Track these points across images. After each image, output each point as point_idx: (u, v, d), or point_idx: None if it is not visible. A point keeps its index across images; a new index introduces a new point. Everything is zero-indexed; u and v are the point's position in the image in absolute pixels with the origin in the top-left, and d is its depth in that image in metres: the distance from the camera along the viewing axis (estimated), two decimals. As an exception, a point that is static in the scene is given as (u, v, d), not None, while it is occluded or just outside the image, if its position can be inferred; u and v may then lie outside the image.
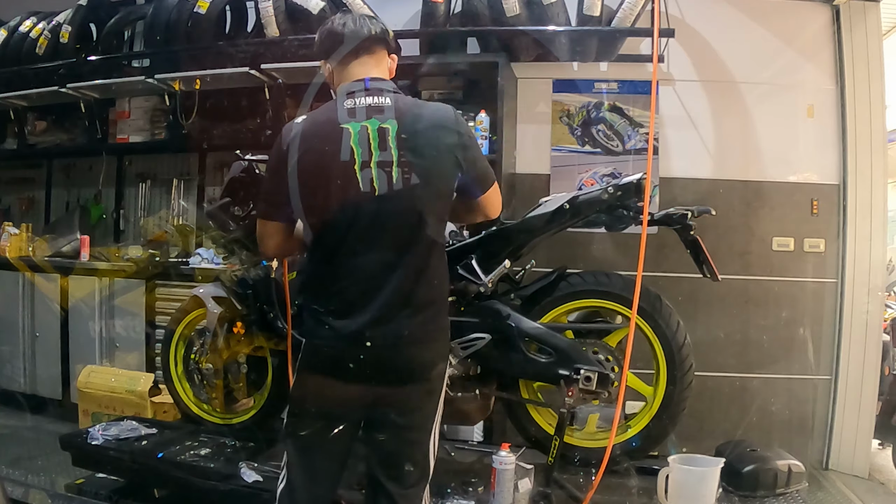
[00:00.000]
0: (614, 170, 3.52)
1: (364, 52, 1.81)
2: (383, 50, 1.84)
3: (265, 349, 2.72)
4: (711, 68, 3.46)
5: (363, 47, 1.81)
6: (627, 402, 2.59)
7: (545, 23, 3.27)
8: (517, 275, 2.45)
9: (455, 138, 1.74)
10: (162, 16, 3.73)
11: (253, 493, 2.31)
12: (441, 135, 1.73)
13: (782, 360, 3.36)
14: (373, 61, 1.82)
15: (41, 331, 4.11)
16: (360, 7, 3.43)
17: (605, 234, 2.87)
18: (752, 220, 3.41)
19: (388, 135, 1.69)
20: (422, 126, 1.72)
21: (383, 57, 1.85)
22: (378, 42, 1.83)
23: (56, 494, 2.77)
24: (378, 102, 1.73)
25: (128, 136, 4.32)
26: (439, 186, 1.73)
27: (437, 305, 1.76)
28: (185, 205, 4.31)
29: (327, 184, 1.68)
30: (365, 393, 1.72)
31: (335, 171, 1.68)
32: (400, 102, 1.75)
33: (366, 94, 1.75)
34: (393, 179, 1.67)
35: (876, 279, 3.32)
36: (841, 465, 3.30)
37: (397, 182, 1.67)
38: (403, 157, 1.68)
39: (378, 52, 1.83)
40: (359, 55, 1.80)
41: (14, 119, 4.57)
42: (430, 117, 1.75)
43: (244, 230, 2.55)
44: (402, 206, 1.68)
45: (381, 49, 1.84)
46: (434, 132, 1.73)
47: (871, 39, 3.33)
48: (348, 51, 1.80)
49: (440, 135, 1.73)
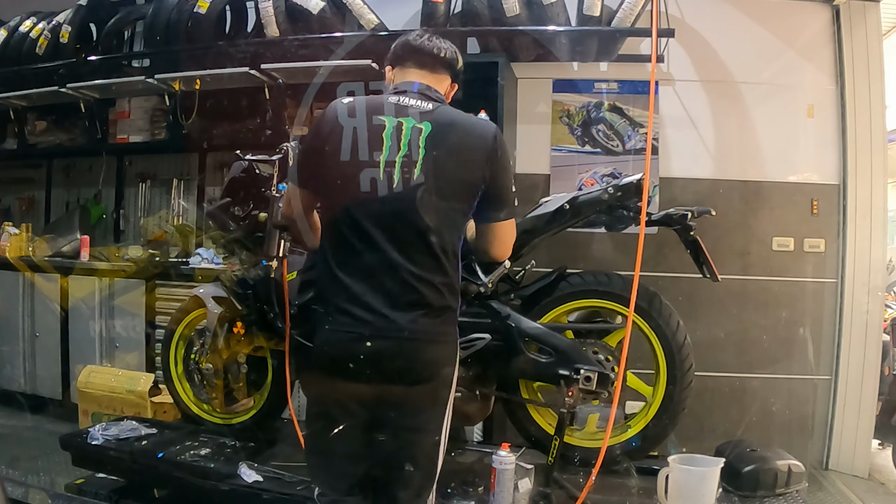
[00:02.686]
0: (614, 170, 3.52)
1: (427, 67, 1.86)
2: (447, 74, 1.89)
3: (265, 349, 2.72)
4: (711, 68, 3.46)
5: (428, 63, 1.86)
6: (627, 402, 2.60)
7: (545, 23, 3.27)
8: (517, 275, 2.45)
9: (486, 154, 1.75)
10: (162, 16, 3.73)
11: (253, 493, 2.31)
12: (473, 146, 1.75)
13: (782, 360, 3.36)
14: (433, 78, 1.86)
15: (41, 331, 4.11)
16: (360, 7, 3.43)
17: (605, 234, 2.86)
18: (752, 220, 3.41)
19: (420, 135, 1.72)
20: (456, 134, 1.74)
21: (444, 79, 1.89)
22: (444, 65, 1.88)
23: (56, 494, 2.77)
24: (420, 105, 1.76)
25: (128, 136, 4.33)
26: (457, 195, 1.74)
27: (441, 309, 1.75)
28: (185, 205, 4.31)
29: (351, 169, 1.71)
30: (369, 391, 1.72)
31: (362, 158, 1.71)
32: (442, 109, 1.78)
33: (412, 95, 1.79)
34: (413, 178, 1.69)
35: (876, 279, 3.32)
36: (841, 465, 3.30)
37: (417, 181, 1.69)
38: (429, 159, 1.70)
39: (440, 74, 1.88)
40: (421, 68, 1.86)
41: (14, 119, 4.57)
42: (468, 128, 1.77)
43: (244, 230, 2.56)
44: (415, 206, 1.69)
45: (444, 72, 1.88)
46: (466, 142, 1.75)
47: (871, 39, 3.34)
48: (413, 62, 1.86)
49: (472, 146, 1.75)
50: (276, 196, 2.36)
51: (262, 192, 2.47)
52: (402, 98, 1.77)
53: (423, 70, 1.85)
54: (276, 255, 2.35)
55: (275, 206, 2.36)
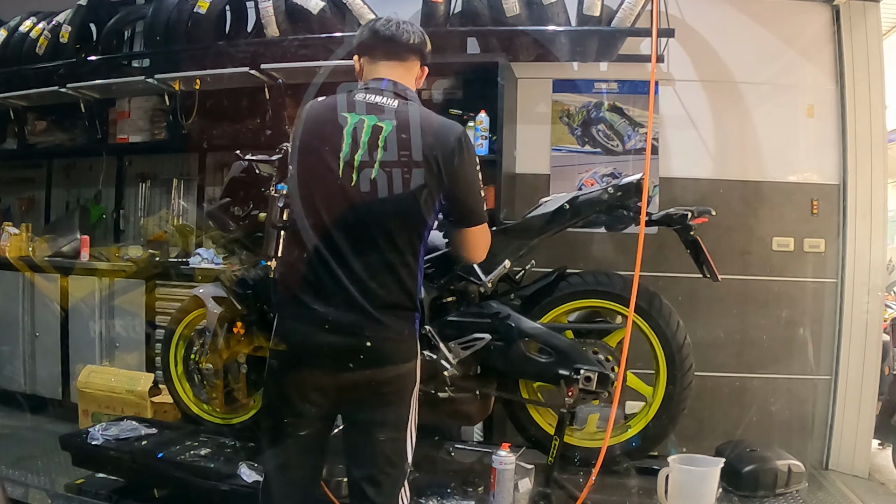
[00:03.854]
0: (614, 170, 3.52)
1: (396, 56, 1.84)
2: (416, 60, 1.88)
3: (265, 349, 2.72)
4: (711, 68, 3.45)
5: (396, 52, 1.84)
6: (627, 402, 2.60)
7: (545, 23, 3.27)
8: (517, 275, 2.45)
9: (447, 155, 1.72)
10: (162, 16, 3.72)
11: (253, 493, 2.30)
12: (435, 147, 1.72)
13: (782, 360, 3.36)
14: (402, 68, 1.85)
15: (41, 331, 4.11)
16: (360, 7, 3.43)
17: (605, 234, 2.87)
18: (752, 220, 3.41)
19: (381, 133, 1.71)
20: (418, 134, 1.73)
21: (414, 66, 1.88)
22: (413, 51, 1.86)
23: (56, 494, 2.77)
24: (384, 103, 1.75)
25: (128, 136, 4.32)
26: (415, 196, 1.71)
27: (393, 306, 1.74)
28: (185, 205, 4.31)
29: (314, 166, 1.73)
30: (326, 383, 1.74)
31: (323, 155, 1.72)
32: (407, 107, 1.76)
33: (378, 93, 1.78)
34: (371, 176, 1.70)
35: (876, 279, 3.32)
36: (841, 465, 3.29)
37: (375, 180, 1.70)
38: (388, 158, 1.70)
39: (410, 61, 1.87)
40: (390, 58, 1.84)
41: (14, 119, 4.56)
42: (432, 129, 1.75)
43: (244, 230, 2.56)
44: (370, 205, 1.70)
45: (413, 58, 1.87)
46: (428, 142, 1.72)
47: (871, 39, 3.33)
48: (382, 52, 1.84)
49: (434, 146, 1.72)
50: (276, 196, 2.36)
51: (262, 192, 2.47)
52: (369, 95, 1.77)
53: (392, 60, 1.84)
54: (276, 255, 2.35)
55: (275, 206, 2.36)
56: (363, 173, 1.70)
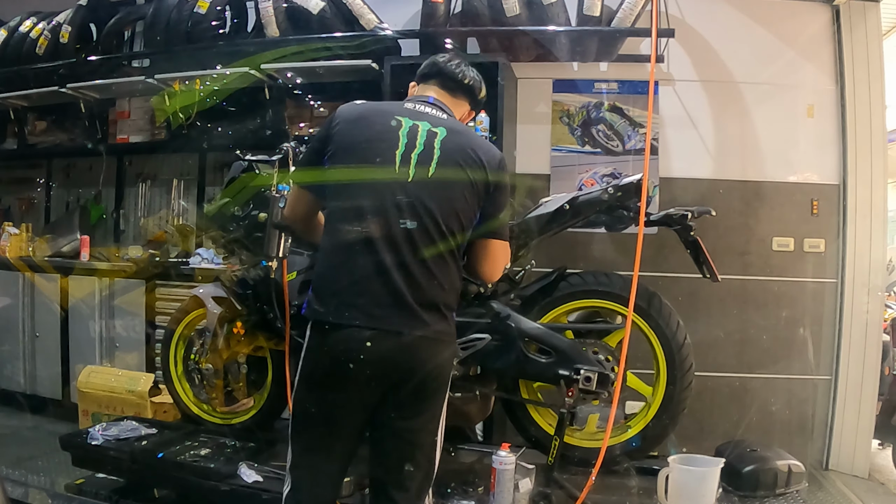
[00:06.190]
0: (614, 170, 3.52)
1: (447, 89, 1.94)
2: (465, 100, 1.97)
3: (265, 349, 2.72)
4: (711, 68, 3.46)
5: (448, 86, 1.94)
6: (627, 402, 2.60)
7: (545, 23, 3.27)
8: (517, 275, 2.45)
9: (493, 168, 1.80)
10: (162, 16, 3.72)
11: (253, 493, 2.31)
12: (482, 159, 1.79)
13: (782, 360, 3.36)
14: (451, 100, 1.94)
15: (41, 331, 4.11)
16: (360, 7, 3.43)
17: (605, 234, 2.87)
18: (752, 220, 3.41)
19: (436, 137, 1.77)
20: (467, 145, 1.80)
21: (462, 105, 1.97)
22: (464, 90, 1.96)
23: (56, 494, 2.77)
24: (434, 113, 1.84)
25: (128, 136, 4.33)
26: (465, 199, 1.77)
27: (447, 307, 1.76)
28: (185, 205, 4.31)
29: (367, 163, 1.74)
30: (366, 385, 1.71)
31: (378, 150, 1.75)
32: (454, 122, 1.85)
33: (427, 105, 1.86)
34: (428, 173, 1.73)
35: (876, 279, 3.32)
36: (841, 465, 3.30)
37: (431, 177, 1.73)
38: (443, 159, 1.75)
39: (459, 98, 1.96)
40: (443, 89, 1.93)
41: (14, 119, 4.57)
42: (479, 142, 1.85)
43: (244, 230, 2.56)
44: (428, 201, 1.71)
45: (463, 98, 1.97)
46: (478, 153, 1.79)
47: (871, 39, 3.33)
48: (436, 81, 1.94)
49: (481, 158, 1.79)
50: (276, 196, 2.36)
51: (262, 193, 2.47)
52: (418, 105, 1.84)
53: (444, 91, 1.93)
54: (276, 255, 2.35)
55: (275, 206, 2.36)
56: (419, 171, 1.73)
